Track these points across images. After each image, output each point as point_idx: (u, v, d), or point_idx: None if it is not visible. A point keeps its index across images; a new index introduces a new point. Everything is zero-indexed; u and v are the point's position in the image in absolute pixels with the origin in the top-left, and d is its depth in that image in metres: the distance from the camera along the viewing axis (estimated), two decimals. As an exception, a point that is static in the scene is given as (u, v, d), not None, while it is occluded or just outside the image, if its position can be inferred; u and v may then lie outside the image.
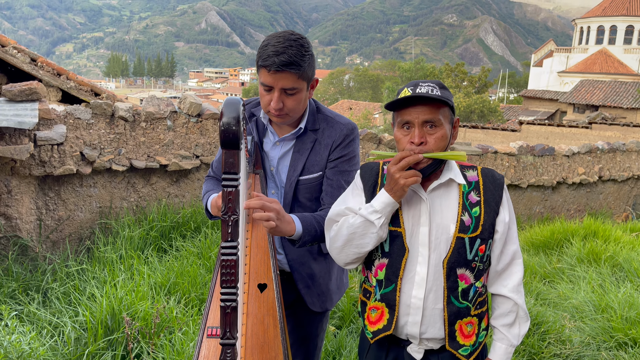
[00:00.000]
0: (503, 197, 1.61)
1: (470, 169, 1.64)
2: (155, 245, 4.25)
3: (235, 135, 1.18)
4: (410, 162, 1.48)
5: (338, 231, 1.62)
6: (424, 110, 1.50)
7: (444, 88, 1.54)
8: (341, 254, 1.64)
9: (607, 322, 3.64)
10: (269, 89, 1.69)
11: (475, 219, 1.56)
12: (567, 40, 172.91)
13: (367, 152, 6.06)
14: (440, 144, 1.52)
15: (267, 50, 1.64)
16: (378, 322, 1.66)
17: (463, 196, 1.58)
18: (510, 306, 1.63)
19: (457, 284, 1.57)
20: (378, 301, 1.65)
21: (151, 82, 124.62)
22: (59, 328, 2.98)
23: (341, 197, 1.71)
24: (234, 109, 1.20)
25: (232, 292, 1.23)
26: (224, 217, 1.22)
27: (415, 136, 1.51)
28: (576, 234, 5.88)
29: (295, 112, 1.76)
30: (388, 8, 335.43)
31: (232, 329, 1.25)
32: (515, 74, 79.31)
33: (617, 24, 41.05)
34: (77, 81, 6.86)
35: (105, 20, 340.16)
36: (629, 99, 27.98)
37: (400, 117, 1.54)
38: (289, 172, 1.85)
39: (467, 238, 1.55)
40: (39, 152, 3.94)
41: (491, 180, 1.61)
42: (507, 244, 1.62)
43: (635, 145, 8.77)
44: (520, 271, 1.64)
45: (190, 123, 4.67)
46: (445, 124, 1.53)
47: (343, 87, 59.38)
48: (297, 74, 1.66)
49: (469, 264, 1.57)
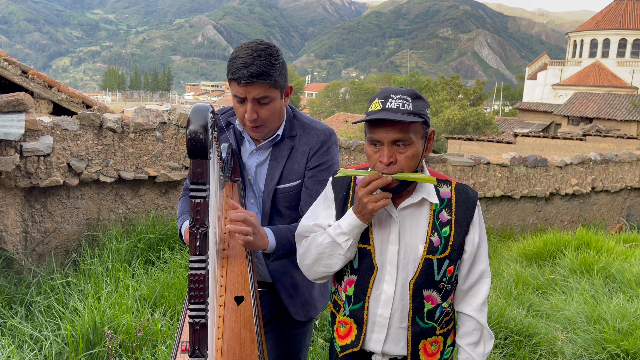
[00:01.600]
0: (474, 216, 1.56)
1: (444, 183, 1.58)
2: (142, 257, 4.20)
3: (202, 144, 1.15)
4: (378, 185, 1.42)
5: (307, 249, 1.60)
6: (393, 129, 1.42)
7: (418, 98, 1.46)
8: (310, 271, 1.62)
9: (599, 334, 3.60)
10: (242, 101, 1.66)
11: (444, 239, 1.52)
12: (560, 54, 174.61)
13: (358, 162, 6.04)
14: (411, 163, 1.45)
15: (235, 63, 1.62)
16: (346, 337, 1.64)
17: (434, 215, 1.53)
18: (474, 325, 1.60)
19: (423, 305, 1.54)
20: (347, 316, 1.63)
21: (147, 95, 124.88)
22: (40, 342, 2.92)
23: (312, 208, 1.67)
24: (202, 116, 1.16)
25: (201, 307, 1.19)
26: (191, 229, 1.18)
27: (384, 156, 1.44)
28: (569, 245, 5.85)
29: (271, 122, 1.72)
30: (384, 22, 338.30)
31: (202, 346, 1.20)
32: (510, 86, 79.93)
33: (610, 37, 41.46)
34: (68, 93, 6.84)
35: (102, 34, 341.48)
36: (623, 111, 28.14)
37: (369, 133, 1.47)
38: (266, 181, 1.81)
39: (435, 259, 1.52)
40: (25, 163, 3.89)
41: (464, 199, 1.56)
42: (475, 263, 1.59)
43: (627, 156, 8.78)
44: (486, 290, 1.60)
45: (179, 134, 4.64)
46: (416, 141, 1.45)
47: (339, 100, 59.65)
48: (268, 83, 1.63)
49: (436, 285, 1.54)
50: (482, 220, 1.60)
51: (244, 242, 1.55)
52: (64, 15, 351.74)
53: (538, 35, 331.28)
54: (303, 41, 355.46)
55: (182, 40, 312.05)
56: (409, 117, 1.40)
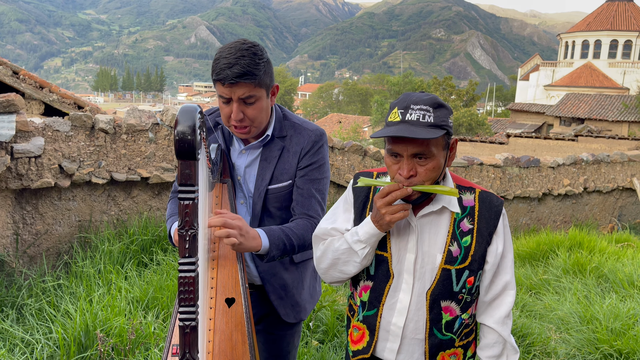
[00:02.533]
0: (499, 226, 1.50)
1: (468, 191, 1.52)
2: (135, 259, 4.17)
3: (191, 145, 1.13)
4: (397, 197, 1.38)
5: (324, 253, 1.57)
6: (413, 143, 1.36)
7: (440, 107, 1.39)
8: (326, 274, 1.60)
9: (592, 334, 3.61)
10: (227, 101, 1.65)
11: (464, 249, 1.47)
12: (552, 55, 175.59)
13: (352, 163, 6.03)
14: (432, 175, 1.40)
15: (219, 64, 1.61)
16: (359, 342, 1.62)
17: (454, 224, 1.48)
18: (496, 337, 1.54)
19: (441, 316, 1.50)
20: (360, 322, 1.61)
21: (140, 96, 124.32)
22: (31, 345, 2.89)
23: (331, 210, 1.65)
24: (190, 117, 1.15)
25: (191, 310, 1.18)
26: (180, 232, 1.17)
27: (404, 169, 1.39)
28: (562, 245, 5.88)
29: (258, 121, 1.71)
30: (377, 23, 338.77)
31: (192, 350, 1.19)
32: (502, 87, 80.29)
33: (602, 39, 41.73)
34: (60, 94, 6.79)
35: (94, 34, 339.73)
36: (614, 111, 28.33)
37: (389, 145, 1.41)
38: (256, 181, 1.80)
39: (453, 270, 1.47)
40: (16, 165, 3.86)
41: (488, 207, 1.50)
42: (499, 275, 1.53)
43: (619, 156, 8.83)
44: (511, 303, 1.54)
45: (172, 135, 4.62)
46: (437, 153, 1.40)
47: (332, 100, 59.64)
48: (253, 83, 1.62)
49: (455, 296, 1.49)
50: (507, 230, 1.54)
51: (231, 245, 1.53)
52: (56, 16, 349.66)
53: (530, 37, 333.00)
54: (296, 42, 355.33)
55: (175, 40, 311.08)
56: (429, 132, 1.34)
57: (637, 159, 8.98)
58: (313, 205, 1.79)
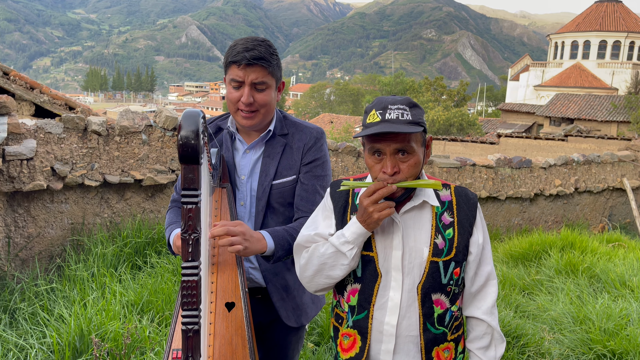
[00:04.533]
0: (477, 217, 1.56)
1: (444, 187, 1.58)
2: (129, 262, 4.15)
3: (194, 149, 1.13)
4: (383, 194, 1.42)
5: (308, 260, 1.57)
6: (395, 139, 1.43)
7: (415, 106, 1.47)
8: (311, 282, 1.60)
9: (585, 334, 3.63)
10: (239, 85, 1.70)
11: (448, 241, 1.52)
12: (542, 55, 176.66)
13: (346, 165, 6.04)
14: (414, 171, 1.46)
15: (236, 48, 1.69)
16: (350, 349, 1.60)
17: (436, 217, 1.53)
18: (485, 328, 1.59)
19: (433, 310, 1.52)
20: (350, 328, 1.59)
21: (131, 96, 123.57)
22: (25, 350, 2.86)
23: (311, 218, 1.66)
24: (193, 122, 1.14)
25: (193, 314, 1.17)
26: (183, 235, 1.16)
27: (387, 166, 1.44)
28: (554, 246, 5.92)
29: (266, 109, 1.76)
30: (368, 23, 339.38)
31: (195, 354, 1.19)
32: (493, 87, 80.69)
33: (591, 39, 42.07)
34: (51, 95, 6.73)
35: (84, 34, 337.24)
36: (603, 112, 28.57)
37: (370, 144, 1.46)
38: (260, 177, 1.82)
39: (441, 262, 1.51)
40: (8, 167, 3.82)
41: (465, 200, 1.56)
42: (481, 265, 1.58)
43: (609, 157, 8.91)
44: (495, 292, 1.59)
45: (166, 137, 4.59)
46: (417, 149, 1.46)
47: (324, 100, 59.65)
48: (267, 68, 1.70)
49: (444, 288, 1.53)
50: (484, 222, 1.60)
51: (236, 251, 1.54)
52: (45, 15, 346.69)
53: (520, 37, 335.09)
54: (287, 42, 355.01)
55: (166, 40, 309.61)
56: (410, 127, 1.41)
57: (627, 159, 9.06)
58: (317, 201, 1.80)
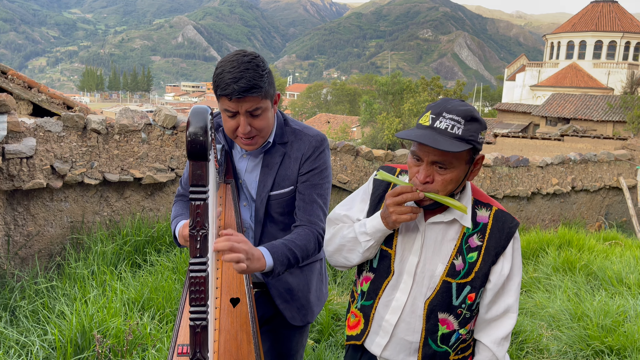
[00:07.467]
0: (507, 248, 1.47)
1: (484, 207, 1.50)
2: (129, 260, 4.15)
3: (203, 146, 1.14)
4: (407, 199, 1.39)
5: (333, 236, 1.63)
6: (435, 150, 1.35)
7: (473, 120, 1.35)
8: (332, 257, 1.65)
9: (583, 331, 3.66)
10: (233, 115, 1.63)
11: (469, 265, 1.46)
12: (538, 55, 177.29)
13: (344, 163, 6.06)
14: (448, 187, 1.39)
15: (223, 79, 1.56)
16: (354, 328, 1.66)
17: (463, 238, 1.47)
18: (489, 356, 1.52)
19: (437, 328, 1.50)
20: (358, 309, 1.65)
21: (127, 96, 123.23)
22: (27, 347, 2.87)
23: (351, 196, 1.70)
24: (202, 118, 1.15)
25: (202, 310, 1.18)
26: (192, 232, 1.17)
27: (421, 173, 1.39)
28: (551, 244, 5.95)
29: (265, 131, 1.70)
30: (364, 23, 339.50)
31: (203, 349, 1.20)
32: (489, 87, 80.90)
33: (587, 39, 42.22)
34: (48, 94, 6.72)
35: (80, 34, 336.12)
36: (599, 111, 28.67)
37: (413, 146, 1.41)
38: (258, 187, 1.80)
39: (454, 283, 1.46)
40: (7, 165, 3.82)
41: (500, 227, 1.47)
42: (502, 296, 1.50)
43: (606, 156, 8.96)
44: (511, 325, 1.51)
45: (165, 135, 4.60)
46: (458, 166, 1.38)
47: (321, 100, 59.66)
48: (260, 95, 1.59)
49: (454, 310, 1.48)
50: (517, 254, 1.50)
51: (239, 270, 1.46)
52: (41, 15, 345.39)
53: (516, 37, 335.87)
54: (284, 42, 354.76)
55: (162, 40, 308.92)
56: (452, 143, 1.32)
57: (623, 158, 9.12)
58: (315, 211, 1.78)
